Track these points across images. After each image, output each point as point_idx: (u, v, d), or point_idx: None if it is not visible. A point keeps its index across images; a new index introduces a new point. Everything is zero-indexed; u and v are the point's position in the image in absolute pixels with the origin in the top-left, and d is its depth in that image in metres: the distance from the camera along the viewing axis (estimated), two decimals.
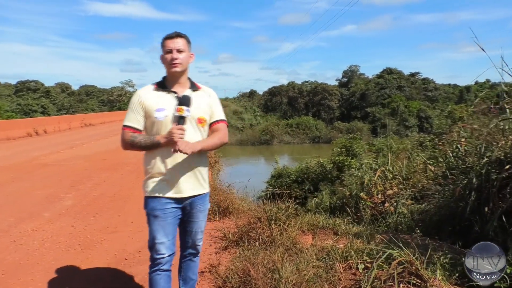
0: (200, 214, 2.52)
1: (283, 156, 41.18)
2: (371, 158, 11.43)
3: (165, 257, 2.40)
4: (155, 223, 2.37)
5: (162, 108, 2.31)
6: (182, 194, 2.38)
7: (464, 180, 4.91)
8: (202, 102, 2.44)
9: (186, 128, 2.27)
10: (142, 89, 2.45)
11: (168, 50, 2.31)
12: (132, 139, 2.32)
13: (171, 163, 2.33)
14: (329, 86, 74.92)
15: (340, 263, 3.22)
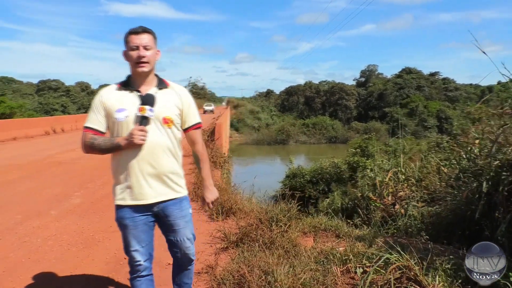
0: (179, 221, 2.31)
1: (299, 156, 41.03)
2: (384, 159, 11.23)
3: (142, 264, 2.30)
4: (126, 231, 2.24)
5: (123, 109, 2.14)
6: (147, 200, 2.20)
7: (474, 183, 4.78)
8: (169, 101, 2.24)
9: (149, 129, 2.13)
10: (105, 88, 2.29)
11: (134, 47, 2.12)
12: (91, 141, 2.16)
13: (134, 168, 2.16)
14: (347, 85, 74.35)
15: (338, 267, 3.15)
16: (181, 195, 2.34)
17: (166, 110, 2.20)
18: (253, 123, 59.58)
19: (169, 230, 2.34)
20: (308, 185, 19.05)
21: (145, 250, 2.30)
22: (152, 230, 2.34)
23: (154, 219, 2.31)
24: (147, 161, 2.15)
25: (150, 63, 2.17)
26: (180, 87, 2.38)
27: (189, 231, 2.39)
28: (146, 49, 2.13)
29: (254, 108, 66.19)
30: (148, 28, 2.19)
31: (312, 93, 75.37)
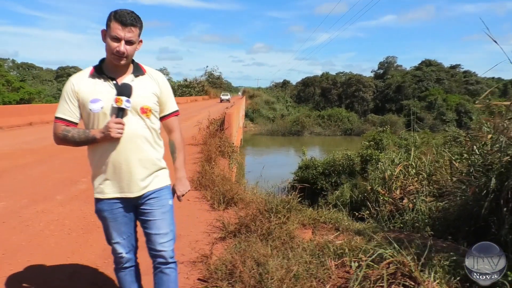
0: (156, 211, 2.18)
1: (313, 148, 40.85)
2: (396, 152, 11.05)
3: (124, 256, 2.24)
4: (106, 224, 2.18)
5: (97, 99, 2.01)
6: (127, 194, 2.11)
7: (482, 178, 4.65)
8: (147, 88, 2.12)
9: (127, 120, 2.02)
10: (76, 75, 2.12)
11: (115, 37, 1.95)
12: (64, 133, 2.04)
13: (112, 160, 2.06)
14: (364, 77, 73.37)
15: (333, 260, 3.09)
16: (161, 185, 2.22)
17: (143, 99, 2.09)
18: (268, 113, 59.37)
19: (145, 221, 2.21)
20: (321, 177, 18.96)
21: (127, 242, 2.23)
22: (133, 221, 2.25)
23: (133, 211, 2.22)
24: (124, 153, 2.06)
25: (128, 57, 2.03)
26: (157, 72, 2.24)
27: (166, 225, 2.22)
28: (128, 43, 1.98)
29: (270, 99, 65.91)
30: (137, 19, 2.00)
31: (329, 85, 74.61)
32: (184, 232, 4.14)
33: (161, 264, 2.24)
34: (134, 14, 1.99)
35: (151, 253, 2.25)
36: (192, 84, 64.19)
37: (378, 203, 7.60)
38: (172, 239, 2.27)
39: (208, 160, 7.01)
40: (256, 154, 39.47)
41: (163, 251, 2.21)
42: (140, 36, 2.06)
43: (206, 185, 5.57)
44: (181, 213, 4.75)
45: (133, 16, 1.98)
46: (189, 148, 9.23)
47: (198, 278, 3.14)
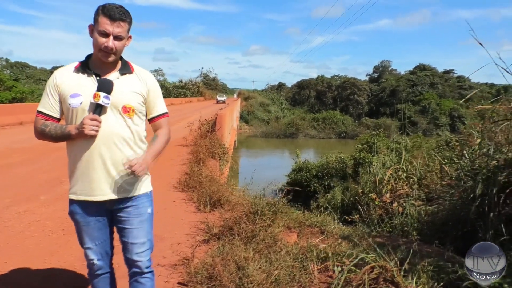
0: (132, 220, 2.06)
1: (308, 150, 40.89)
2: (387, 156, 11.05)
3: (95, 263, 2.10)
4: (79, 227, 2.07)
5: (77, 94, 1.92)
6: (99, 197, 1.98)
7: (469, 182, 4.63)
8: (132, 87, 2.01)
9: (106, 118, 1.92)
10: (60, 69, 2.04)
11: (104, 33, 1.86)
12: (42, 127, 1.96)
13: (86, 160, 1.95)
14: (359, 81, 73.69)
15: (316, 265, 3.04)
16: (139, 192, 2.09)
17: (126, 98, 1.98)
18: (263, 115, 59.40)
19: (121, 230, 2.10)
20: (314, 180, 18.98)
21: (99, 248, 2.11)
22: (107, 227, 2.12)
23: (109, 217, 2.10)
24: (99, 153, 1.94)
25: (117, 54, 1.94)
26: (146, 72, 2.13)
27: (144, 234, 2.12)
28: (117, 39, 1.89)
29: (265, 101, 65.95)
30: (126, 14, 1.91)
31: (324, 88, 74.79)
32: (167, 234, 4.07)
33: (136, 274, 2.15)
34: (123, 9, 1.91)
35: (126, 261, 2.16)
36: (187, 85, 64.07)
37: (368, 207, 7.58)
38: (149, 249, 2.16)
39: (197, 162, 6.95)
40: (250, 156, 39.43)
41: (139, 261, 2.11)
42: (129, 32, 1.98)
43: (193, 187, 5.51)
44: (166, 214, 4.69)
45: (122, 11, 1.89)
46: (179, 149, 9.16)
47: (178, 282, 3.08)
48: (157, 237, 3.99)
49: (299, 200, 15.96)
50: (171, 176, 6.45)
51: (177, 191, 5.64)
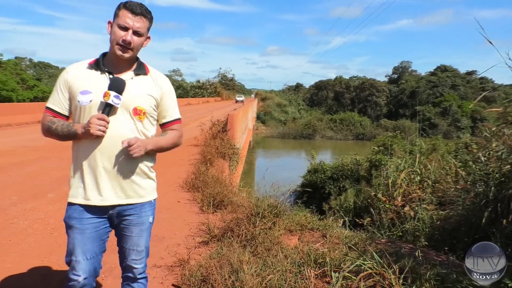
0: (133, 228, 2.00)
1: (325, 152, 40.61)
2: (402, 158, 10.82)
3: (80, 281, 1.91)
4: (72, 235, 1.94)
5: (88, 91, 1.84)
6: (102, 202, 1.90)
7: (481, 187, 4.46)
8: (145, 89, 1.94)
9: (115, 119, 1.84)
10: (74, 64, 1.96)
11: (123, 27, 1.81)
12: (49, 124, 1.89)
13: (91, 162, 1.87)
14: (378, 82, 72.80)
15: (314, 270, 2.95)
16: (144, 200, 2.01)
17: (138, 100, 1.90)
18: (280, 116, 59.31)
19: (120, 235, 2.04)
20: (329, 181, 18.79)
21: (89, 264, 1.94)
22: (102, 240, 2.00)
23: (108, 225, 2.00)
24: (106, 156, 1.86)
25: (134, 50, 1.87)
26: (161, 75, 2.05)
27: (143, 242, 2.06)
28: (136, 34, 1.84)
29: (282, 102, 65.84)
30: (148, 10, 1.88)
31: (342, 88, 74.16)
32: (168, 234, 4.04)
33: (129, 278, 2.11)
34: (144, 6, 1.87)
35: (121, 264, 2.12)
36: (204, 85, 64.46)
37: (379, 210, 7.42)
38: (145, 257, 2.12)
39: (204, 162, 6.91)
40: (267, 156, 39.40)
41: (134, 268, 2.07)
42: (149, 31, 1.93)
43: (198, 187, 5.47)
44: (169, 215, 4.67)
45: (144, 7, 1.86)
46: (190, 149, 9.15)
47: (172, 283, 3.03)
48: (157, 238, 3.97)
49: (314, 201, 15.82)
50: (179, 176, 6.43)
51: (182, 191, 5.62)
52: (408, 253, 3.18)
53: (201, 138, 9.41)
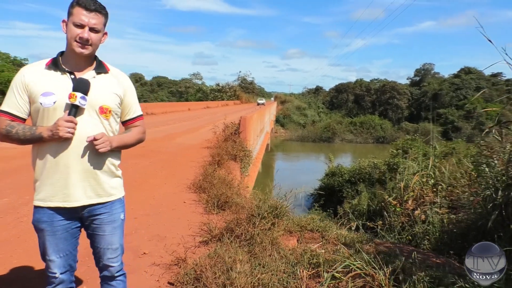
0: (105, 226, 2.02)
1: (345, 155, 40.24)
2: (415, 161, 10.64)
3: (58, 277, 1.98)
4: (43, 237, 1.95)
5: (50, 92, 1.82)
6: (72, 203, 1.89)
7: (488, 190, 4.37)
8: (109, 87, 1.96)
9: (82, 120, 1.84)
10: (29, 65, 1.93)
11: (79, 24, 1.80)
12: (8, 128, 1.84)
13: (59, 163, 1.85)
14: (399, 84, 71.72)
15: (306, 270, 2.95)
16: (114, 198, 2.04)
17: (104, 98, 1.92)
18: (299, 119, 59.12)
19: (93, 236, 2.05)
20: (346, 185, 18.60)
21: (63, 261, 1.98)
22: (74, 238, 2.03)
23: (79, 225, 2.02)
24: (75, 156, 1.86)
25: (93, 46, 1.87)
26: (121, 73, 2.07)
27: (116, 240, 2.08)
28: (93, 30, 1.83)
29: (301, 105, 65.63)
30: (102, 6, 1.88)
31: (362, 91, 73.40)
32: (169, 234, 4.10)
33: (107, 277, 2.14)
34: (98, 2, 1.87)
35: (97, 264, 2.14)
36: (224, 89, 64.94)
37: (389, 214, 7.34)
38: (120, 254, 2.14)
39: (213, 164, 6.98)
40: (285, 159, 39.35)
41: (110, 267, 2.09)
42: (105, 27, 1.93)
43: (204, 188, 5.53)
44: (173, 215, 4.73)
45: (97, 3, 1.86)
46: (201, 151, 9.26)
47: (168, 281, 3.08)
48: (158, 237, 4.05)
49: (331, 205, 15.71)
50: (187, 177, 6.51)
51: (189, 192, 5.68)
52: (405, 255, 3.15)
53: (214, 141, 9.49)
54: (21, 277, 3.11)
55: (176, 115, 27.46)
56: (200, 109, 39.12)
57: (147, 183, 6.29)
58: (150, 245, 3.83)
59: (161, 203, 5.21)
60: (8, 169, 7.06)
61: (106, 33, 1.96)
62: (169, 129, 16.39)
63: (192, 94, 67.67)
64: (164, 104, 39.01)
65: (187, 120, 22.11)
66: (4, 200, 5.07)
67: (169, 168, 7.61)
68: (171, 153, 9.69)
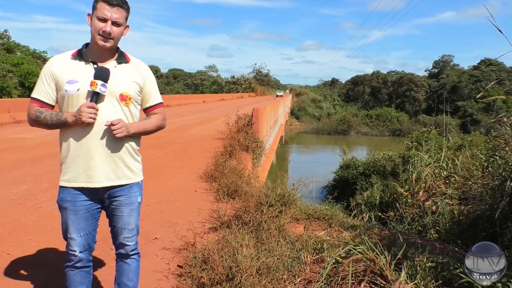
0: (124, 208, 2.16)
1: (361, 148, 40.02)
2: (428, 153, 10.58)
3: (77, 255, 2.11)
4: (65, 215, 2.10)
5: (74, 80, 1.95)
6: (94, 184, 2.04)
7: (497, 181, 4.37)
8: (129, 76, 2.08)
9: (102, 106, 1.98)
10: (57, 56, 2.08)
11: (102, 18, 1.92)
12: (37, 114, 2.00)
13: (83, 147, 2.00)
14: (417, 77, 70.61)
15: (311, 255, 3.04)
16: (132, 181, 2.17)
17: (124, 86, 2.05)
18: (314, 112, 58.87)
19: (112, 216, 2.19)
20: (361, 177, 18.55)
21: (83, 240, 2.12)
22: (95, 219, 2.18)
23: (100, 207, 2.17)
24: (97, 140, 2.00)
25: (114, 40, 1.99)
26: (141, 63, 2.20)
27: (133, 221, 2.22)
28: (115, 24, 1.96)
29: (317, 97, 65.31)
30: (124, 1, 2.00)
31: (379, 84, 72.52)
32: (180, 220, 4.23)
33: (122, 255, 2.28)
34: None
35: (114, 242, 2.28)
36: (239, 81, 65.05)
37: (401, 205, 7.36)
38: (135, 234, 2.28)
39: (225, 154, 7.09)
40: (300, 152, 39.32)
41: (126, 245, 2.23)
42: (127, 21, 2.05)
43: (216, 177, 5.65)
44: (185, 203, 4.86)
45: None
46: (213, 142, 9.38)
47: (178, 264, 3.21)
48: (170, 223, 4.18)
49: (345, 197, 15.73)
50: (199, 167, 6.64)
51: (201, 181, 5.81)
52: (409, 243, 3.20)
53: (227, 132, 9.60)
54: (39, 259, 3.28)
55: (191, 107, 27.70)
56: (215, 101, 39.33)
57: (160, 173, 6.44)
58: (161, 231, 3.97)
59: (173, 191, 5.35)
60: (28, 158, 7.31)
61: (128, 26, 2.08)
62: (183, 120, 16.59)
63: (207, 86, 68.03)
64: (179, 96, 39.32)
65: (201, 112, 22.32)
66: (23, 187, 5.28)
67: (182, 159, 7.76)
68: (185, 143, 9.85)
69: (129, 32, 2.11)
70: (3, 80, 29.73)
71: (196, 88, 72.60)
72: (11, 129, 11.54)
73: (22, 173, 6.14)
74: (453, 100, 62.24)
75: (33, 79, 31.36)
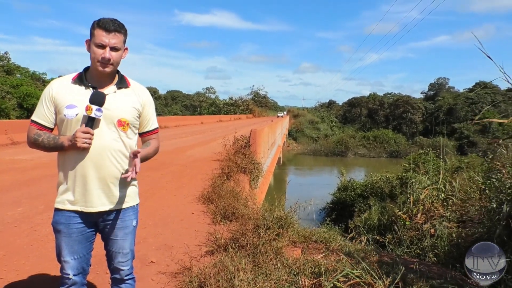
0: (118, 231, 2.15)
1: (359, 169, 39.96)
2: (424, 175, 10.58)
3: (71, 278, 2.09)
4: (59, 238, 2.08)
5: (74, 105, 1.96)
6: (89, 208, 2.03)
7: (493, 203, 4.38)
8: (128, 101, 2.09)
9: (100, 131, 1.99)
10: (58, 79, 2.09)
11: (100, 45, 1.93)
12: (35, 137, 2.01)
13: (78, 171, 2.00)
14: (413, 99, 71.36)
15: (309, 279, 3.01)
16: (127, 205, 2.17)
17: (122, 112, 2.05)
18: (312, 133, 59.09)
19: (106, 239, 2.19)
20: (359, 199, 18.49)
21: (77, 263, 2.11)
22: (89, 242, 2.15)
23: (94, 230, 2.15)
24: (92, 165, 2.00)
25: (114, 64, 2.00)
26: (141, 87, 2.21)
27: (128, 245, 2.20)
28: (114, 49, 1.97)
29: (314, 118, 65.69)
30: (121, 25, 2.00)
31: (376, 105, 73.14)
32: (177, 244, 4.18)
33: (117, 280, 2.26)
34: (117, 21, 1.99)
35: (109, 266, 2.27)
36: (237, 102, 65.47)
37: (400, 227, 7.32)
38: (130, 258, 2.26)
39: (222, 176, 7.08)
40: (298, 174, 39.24)
41: (121, 270, 2.22)
42: (125, 44, 2.05)
43: (213, 200, 5.62)
44: (181, 225, 4.83)
45: (116, 23, 1.97)
46: (211, 164, 9.37)
47: None
48: (166, 246, 4.14)
49: (343, 219, 15.63)
50: (196, 189, 6.62)
51: (198, 204, 5.78)
52: (408, 267, 3.17)
53: (224, 154, 9.61)
54: (33, 283, 3.23)
55: (189, 128, 27.74)
56: (213, 123, 39.45)
57: (157, 194, 6.41)
58: (157, 254, 3.92)
59: (170, 213, 5.31)
60: (24, 180, 7.26)
61: (127, 48, 2.10)
62: (181, 142, 16.60)
63: (205, 107, 68.39)
64: (177, 117, 39.42)
65: (199, 133, 22.35)
66: (19, 209, 5.24)
67: (179, 180, 7.74)
68: (182, 165, 9.83)
69: (128, 54, 2.12)
70: (2, 101, 29.80)
71: (194, 109, 73.02)
72: (8, 151, 11.50)
73: (18, 194, 6.10)
74: (450, 122, 62.72)
75: (31, 101, 31.46)
